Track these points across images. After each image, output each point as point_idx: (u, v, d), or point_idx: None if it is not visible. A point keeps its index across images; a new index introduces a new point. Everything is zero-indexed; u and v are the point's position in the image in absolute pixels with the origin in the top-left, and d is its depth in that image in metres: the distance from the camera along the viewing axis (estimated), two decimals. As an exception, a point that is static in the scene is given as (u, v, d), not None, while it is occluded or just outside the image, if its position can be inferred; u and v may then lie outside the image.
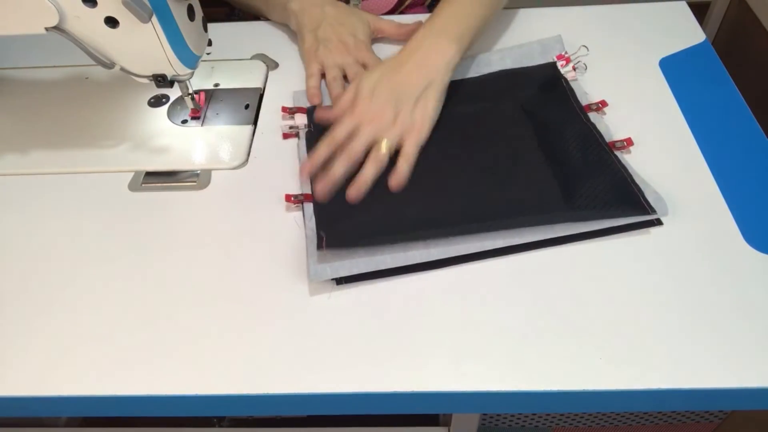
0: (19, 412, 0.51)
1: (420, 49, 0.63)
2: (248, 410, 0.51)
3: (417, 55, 0.62)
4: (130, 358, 0.50)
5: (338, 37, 0.72)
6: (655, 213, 0.55)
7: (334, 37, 0.72)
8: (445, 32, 0.64)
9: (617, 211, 0.55)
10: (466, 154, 0.61)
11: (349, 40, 0.72)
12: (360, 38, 0.72)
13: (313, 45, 0.72)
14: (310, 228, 0.57)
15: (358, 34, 0.73)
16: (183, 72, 0.59)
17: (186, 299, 0.54)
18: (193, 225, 0.60)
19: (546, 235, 0.55)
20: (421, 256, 0.54)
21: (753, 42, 1.28)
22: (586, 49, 0.70)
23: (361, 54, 0.71)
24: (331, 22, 0.73)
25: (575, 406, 0.49)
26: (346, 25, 0.73)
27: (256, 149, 0.67)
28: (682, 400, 0.48)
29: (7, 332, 0.52)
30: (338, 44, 0.71)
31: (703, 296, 0.51)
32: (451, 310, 0.51)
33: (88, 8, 0.53)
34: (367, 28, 0.74)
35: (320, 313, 0.52)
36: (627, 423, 1.11)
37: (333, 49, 0.71)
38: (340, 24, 0.73)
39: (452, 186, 0.58)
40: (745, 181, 0.59)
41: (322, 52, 0.71)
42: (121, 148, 0.67)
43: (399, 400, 0.48)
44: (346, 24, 0.73)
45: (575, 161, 0.59)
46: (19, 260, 0.58)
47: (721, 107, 0.67)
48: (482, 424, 1.10)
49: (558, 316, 0.51)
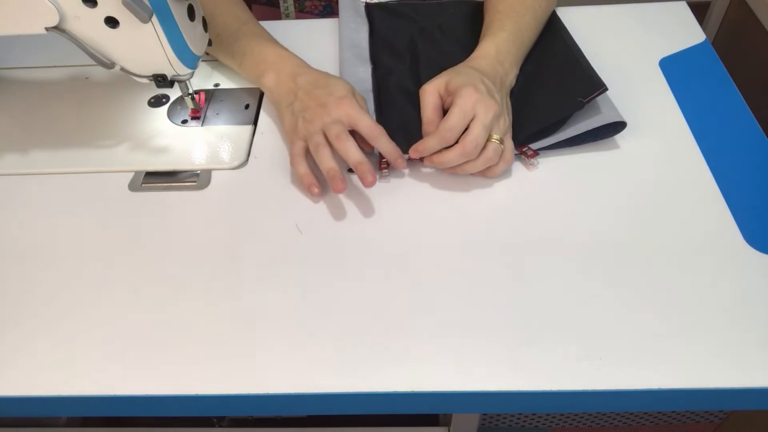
0: (19, 412, 0.51)
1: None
2: (248, 410, 0.51)
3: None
4: (131, 358, 0.50)
5: (316, 101, 0.62)
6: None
7: (312, 102, 0.62)
8: (514, 63, 0.65)
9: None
10: None
11: (329, 101, 0.62)
12: (339, 95, 0.62)
13: (292, 122, 0.64)
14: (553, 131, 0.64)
15: (337, 92, 0.62)
16: (183, 72, 0.59)
17: (186, 299, 0.54)
18: (193, 225, 0.60)
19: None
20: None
21: (753, 42, 1.28)
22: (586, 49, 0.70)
23: (343, 110, 0.61)
24: (307, 90, 0.64)
25: (575, 406, 0.49)
26: (321, 87, 0.63)
27: (256, 149, 0.67)
28: (682, 400, 0.48)
29: (6, 332, 0.52)
30: (317, 109, 0.62)
31: (703, 296, 0.51)
32: (451, 310, 0.51)
33: (88, 8, 0.53)
34: (347, 85, 0.64)
35: (320, 312, 0.52)
36: (627, 423, 1.11)
37: (312, 117, 0.61)
38: (316, 87, 0.63)
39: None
40: (745, 181, 0.59)
41: (302, 126, 0.62)
42: (121, 148, 0.67)
43: (399, 400, 0.48)
44: (321, 86, 0.63)
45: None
46: (19, 260, 0.58)
47: (721, 107, 0.67)
48: (482, 424, 1.10)
49: (558, 316, 0.51)
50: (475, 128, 0.57)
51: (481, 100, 0.57)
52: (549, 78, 0.66)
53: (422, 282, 0.54)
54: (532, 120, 0.63)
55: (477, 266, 0.54)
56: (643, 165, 0.61)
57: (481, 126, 0.57)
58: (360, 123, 0.60)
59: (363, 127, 0.60)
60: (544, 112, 0.63)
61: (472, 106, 0.57)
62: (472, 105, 0.57)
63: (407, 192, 0.61)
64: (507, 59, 0.64)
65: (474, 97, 0.57)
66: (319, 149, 0.59)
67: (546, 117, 0.63)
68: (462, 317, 0.51)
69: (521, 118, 0.63)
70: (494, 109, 0.57)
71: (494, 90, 0.59)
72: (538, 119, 0.63)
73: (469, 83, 0.58)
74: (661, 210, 0.58)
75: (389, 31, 0.76)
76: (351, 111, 0.60)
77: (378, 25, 0.77)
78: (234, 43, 0.69)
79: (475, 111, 0.57)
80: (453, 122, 0.57)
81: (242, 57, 0.69)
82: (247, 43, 0.68)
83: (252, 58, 0.68)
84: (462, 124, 0.57)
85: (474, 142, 0.57)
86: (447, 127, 0.57)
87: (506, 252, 0.55)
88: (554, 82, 0.66)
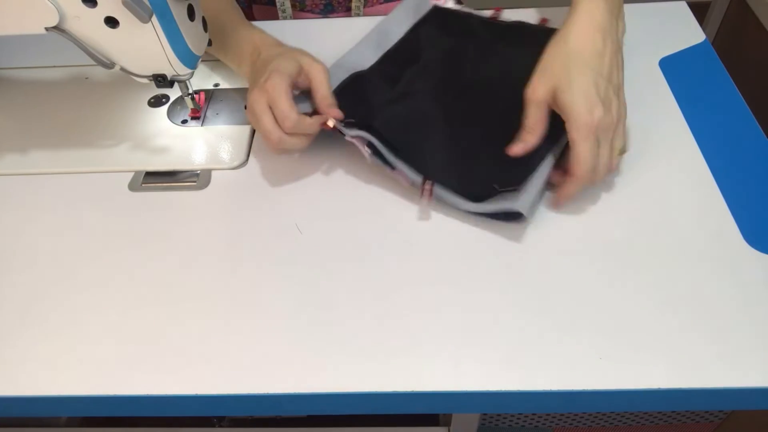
0: (19, 412, 0.51)
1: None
2: (248, 410, 0.51)
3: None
4: (130, 358, 0.50)
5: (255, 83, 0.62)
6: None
7: (253, 83, 0.62)
8: (616, 18, 0.60)
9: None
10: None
11: (259, 84, 0.60)
12: (265, 76, 0.60)
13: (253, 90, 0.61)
14: (456, 200, 0.57)
15: (267, 71, 0.61)
16: (183, 72, 0.59)
17: (186, 299, 0.54)
18: (193, 225, 0.60)
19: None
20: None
21: (753, 42, 1.28)
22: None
23: (268, 90, 0.59)
24: (258, 67, 0.63)
25: (575, 406, 0.49)
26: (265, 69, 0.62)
27: (256, 149, 0.67)
28: (682, 400, 0.48)
29: (7, 332, 0.52)
30: (253, 88, 0.61)
31: (703, 296, 0.51)
32: (451, 310, 0.51)
33: (88, 8, 0.53)
34: (283, 63, 0.61)
35: (320, 312, 0.52)
36: (627, 423, 1.11)
37: (251, 96, 0.61)
38: (264, 66, 0.62)
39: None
40: (745, 181, 0.59)
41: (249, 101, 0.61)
42: (121, 148, 0.67)
43: (399, 400, 0.48)
44: (266, 67, 0.62)
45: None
46: (19, 260, 0.58)
47: (721, 107, 0.67)
48: (482, 424, 1.10)
49: (558, 316, 0.51)
50: (602, 159, 0.55)
51: (601, 126, 0.53)
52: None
53: (422, 281, 0.54)
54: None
55: (477, 266, 0.54)
56: (643, 165, 0.61)
57: (607, 152, 0.55)
58: (279, 105, 0.58)
59: (277, 112, 0.59)
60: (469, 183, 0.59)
61: (595, 137, 0.54)
62: (594, 135, 0.54)
63: (407, 192, 0.61)
64: (608, 29, 0.58)
65: (592, 126, 0.53)
66: (262, 115, 0.59)
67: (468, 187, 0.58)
68: (462, 317, 0.51)
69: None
70: (613, 125, 0.55)
71: (605, 86, 0.55)
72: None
73: (580, 100, 0.53)
74: (661, 210, 0.58)
75: (428, 41, 0.72)
76: (275, 92, 0.58)
77: (424, 33, 0.73)
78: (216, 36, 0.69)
79: (598, 138, 0.54)
80: (587, 165, 0.54)
81: (225, 51, 0.70)
82: (227, 35, 0.69)
83: (232, 51, 0.69)
84: (594, 158, 0.54)
85: (605, 169, 0.56)
86: (585, 169, 0.54)
87: (506, 252, 0.55)
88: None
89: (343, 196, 0.61)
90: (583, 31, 0.57)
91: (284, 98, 0.58)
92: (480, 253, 0.55)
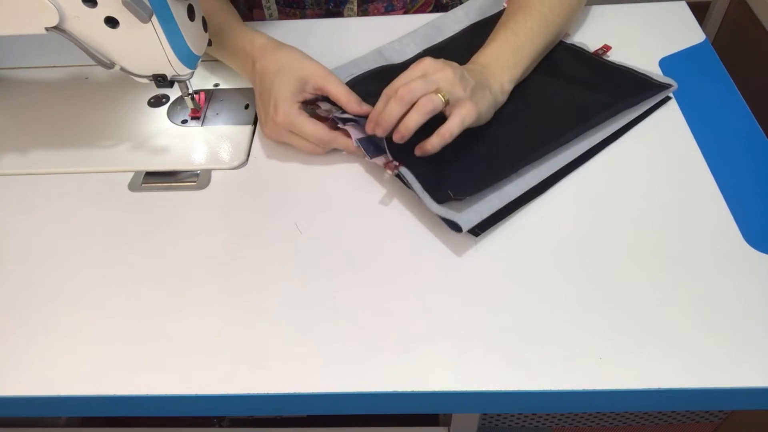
0: (19, 412, 0.51)
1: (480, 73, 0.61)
2: (248, 410, 0.51)
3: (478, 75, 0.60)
4: (130, 358, 0.50)
5: (263, 110, 0.64)
6: (669, 86, 0.65)
7: (260, 111, 0.64)
8: (504, 67, 0.63)
9: (639, 96, 0.65)
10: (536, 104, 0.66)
11: (268, 117, 0.63)
12: (273, 108, 0.61)
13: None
14: (419, 188, 0.57)
15: (273, 101, 0.62)
16: (183, 72, 0.59)
17: (186, 299, 0.54)
18: (193, 225, 0.60)
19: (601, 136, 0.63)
20: (535, 176, 0.59)
21: (753, 42, 1.28)
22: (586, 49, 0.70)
23: (281, 121, 0.61)
24: (258, 88, 0.64)
25: (575, 406, 0.49)
26: (266, 91, 0.63)
27: (256, 149, 0.67)
28: (682, 400, 0.48)
29: (7, 332, 0.52)
30: (266, 120, 0.64)
31: (702, 296, 0.51)
32: (451, 311, 0.51)
33: (88, 8, 0.53)
34: (284, 85, 0.61)
35: (320, 312, 0.52)
36: (627, 423, 1.11)
37: (265, 129, 0.65)
38: (261, 88, 0.63)
39: (533, 122, 0.64)
40: (745, 181, 0.59)
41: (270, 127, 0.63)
42: (121, 148, 0.67)
43: (399, 400, 0.48)
44: (266, 87, 0.62)
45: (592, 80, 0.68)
46: (19, 260, 0.58)
47: (721, 107, 0.67)
48: (482, 424, 1.10)
49: (557, 316, 0.51)
50: (414, 75, 0.57)
51: (435, 65, 0.57)
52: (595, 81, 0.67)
53: (422, 281, 0.54)
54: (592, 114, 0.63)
55: (477, 266, 0.54)
56: (643, 165, 0.61)
57: (421, 75, 0.56)
58: (303, 130, 0.61)
59: (307, 138, 0.62)
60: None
61: (423, 66, 0.57)
62: (423, 66, 0.57)
63: (408, 192, 0.61)
64: (496, 64, 0.62)
65: (428, 61, 0.57)
66: (292, 140, 0.63)
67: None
68: (462, 317, 0.51)
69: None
70: (444, 72, 0.56)
71: (463, 72, 0.57)
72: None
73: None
74: (661, 210, 0.58)
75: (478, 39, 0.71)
76: (289, 121, 0.61)
77: (476, 32, 0.75)
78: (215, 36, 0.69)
79: (425, 70, 0.57)
80: (404, 80, 0.56)
81: (223, 52, 0.70)
82: (225, 36, 0.69)
83: (231, 53, 0.69)
84: (415, 82, 0.56)
85: (408, 88, 0.55)
86: (393, 85, 0.57)
87: (506, 253, 0.55)
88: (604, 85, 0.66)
89: (343, 196, 0.61)
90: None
91: (303, 122, 0.61)
92: (480, 253, 0.55)
